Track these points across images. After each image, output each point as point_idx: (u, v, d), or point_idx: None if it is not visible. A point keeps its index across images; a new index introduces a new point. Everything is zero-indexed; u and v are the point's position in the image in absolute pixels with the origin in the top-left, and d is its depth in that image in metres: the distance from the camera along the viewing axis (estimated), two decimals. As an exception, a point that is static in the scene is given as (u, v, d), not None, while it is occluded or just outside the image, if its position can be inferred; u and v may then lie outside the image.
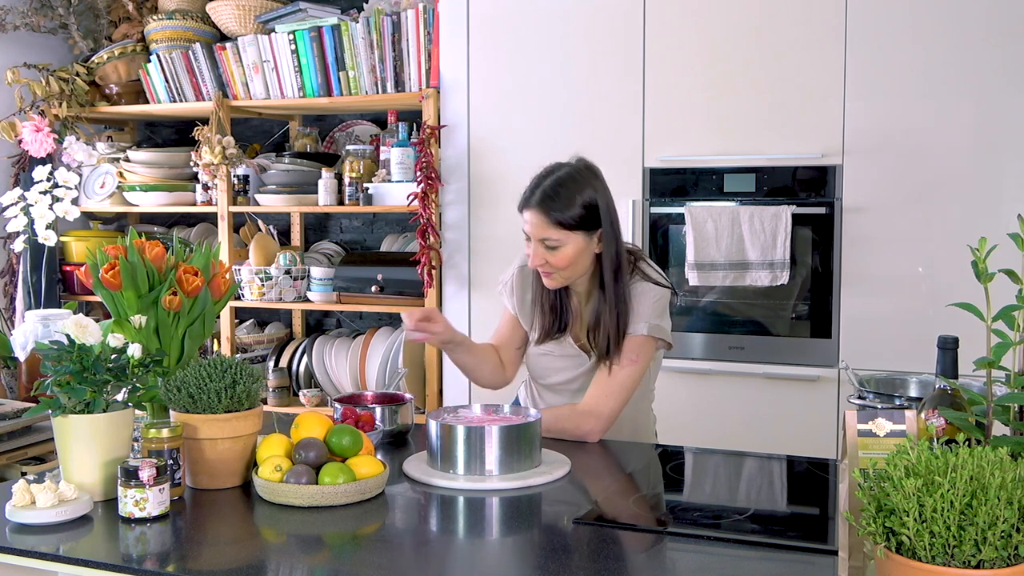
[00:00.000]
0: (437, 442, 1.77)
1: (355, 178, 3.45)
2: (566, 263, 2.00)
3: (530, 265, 2.05)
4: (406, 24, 3.33)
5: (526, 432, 1.77)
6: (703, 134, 2.96)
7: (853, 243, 2.82)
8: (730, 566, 1.35)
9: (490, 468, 1.73)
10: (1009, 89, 2.66)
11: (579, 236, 2.00)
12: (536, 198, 2.00)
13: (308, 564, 1.39)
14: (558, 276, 2.03)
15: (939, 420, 1.24)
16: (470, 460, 1.74)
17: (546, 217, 1.98)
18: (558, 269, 2.01)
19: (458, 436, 1.74)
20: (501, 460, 1.73)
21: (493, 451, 1.73)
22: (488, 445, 1.73)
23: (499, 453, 1.73)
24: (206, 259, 1.89)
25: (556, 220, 1.98)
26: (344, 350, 3.61)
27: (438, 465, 1.77)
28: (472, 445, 1.73)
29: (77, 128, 3.84)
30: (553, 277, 2.03)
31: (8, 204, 2.70)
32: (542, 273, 2.04)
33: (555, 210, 1.98)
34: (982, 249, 1.30)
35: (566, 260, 2.00)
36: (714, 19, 2.93)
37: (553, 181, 2.01)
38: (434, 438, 1.78)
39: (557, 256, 2.00)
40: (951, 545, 1.02)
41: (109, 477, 1.61)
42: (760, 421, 2.90)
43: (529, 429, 1.77)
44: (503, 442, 1.73)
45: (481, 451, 1.73)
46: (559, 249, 1.99)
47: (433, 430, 1.78)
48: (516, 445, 1.75)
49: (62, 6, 3.81)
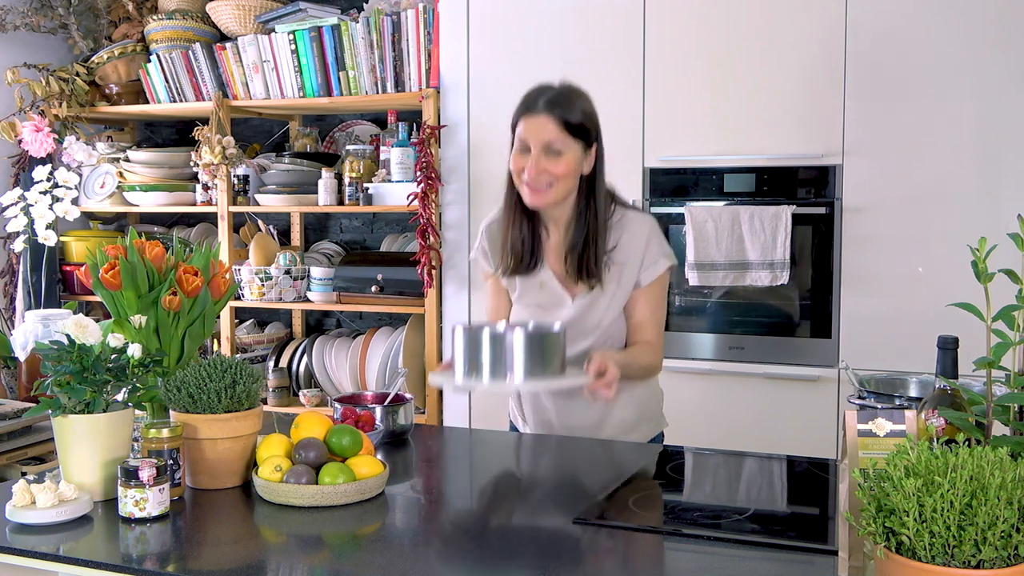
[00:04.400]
0: (464, 351, 1.76)
1: (355, 178, 3.45)
2: (565, 172, 1.95)
3: (527, 177, 1.96)
4: (406, 24, 3.33)
5: (550, 340, 1.76)
6: (703, 134, 2.96)
7: (853, 243, 2.82)
8: (730, 566, 1.35)
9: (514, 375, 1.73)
10: (1009, 89, 2.66)
11: (578, 147, 1.96)
12: (542, 102, 1.96)
13: (308, 564, 1.39)
14: (552, 190, 1.96)
15: (939, 420, 1.24)
16: (495, 366, 1.73)
17: (553, 119, 1.94)
18: (556, 179, 1.95)
19: (483, 341, 1.73)
20: (526, 366, 1.72)
21: (519, 356, 1.72)
22: (514, 350, 1.72)
23: (524, 358, 1.72)
24: (206, 259, 1.89)
25: (563, 121, 1.94)
26: (344, 350, 3.61)
27: (464, 372, 1.76)
28: (497, 349, 1.73)
29: (77, 128, 3.84)
30: (546, 192, 1.96)
31: (8, 204, 2.70)
32: (533, 189, 1.96)
33: (562, 112, 1.95)
34: (982, 249, 1.30)
35: (565, 169, 1.95)
36: (714, 19, 2.93)
37: (556, 90, 1.99)
38: (460, 345, 1.77)
39: (557, 164, 1.94)
40: (951, 545, 1.02)
41: (109, 477, 1.61)
42: (760, 421, 2.90)
43: (553, 338, 1.77)
44: (528, 349, 1.72)
45: (505, 357, 1.72)
46: (560, 157, 1.95)
47: (459, 336, 1.77)
48: (540, 353, 1.74)
49: (62, 6, 3.81)
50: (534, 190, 1.97)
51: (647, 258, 2.02)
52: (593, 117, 2.00)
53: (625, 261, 2.01)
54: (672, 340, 3.00)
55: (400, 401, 2.09)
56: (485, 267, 2.17)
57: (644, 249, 2.02)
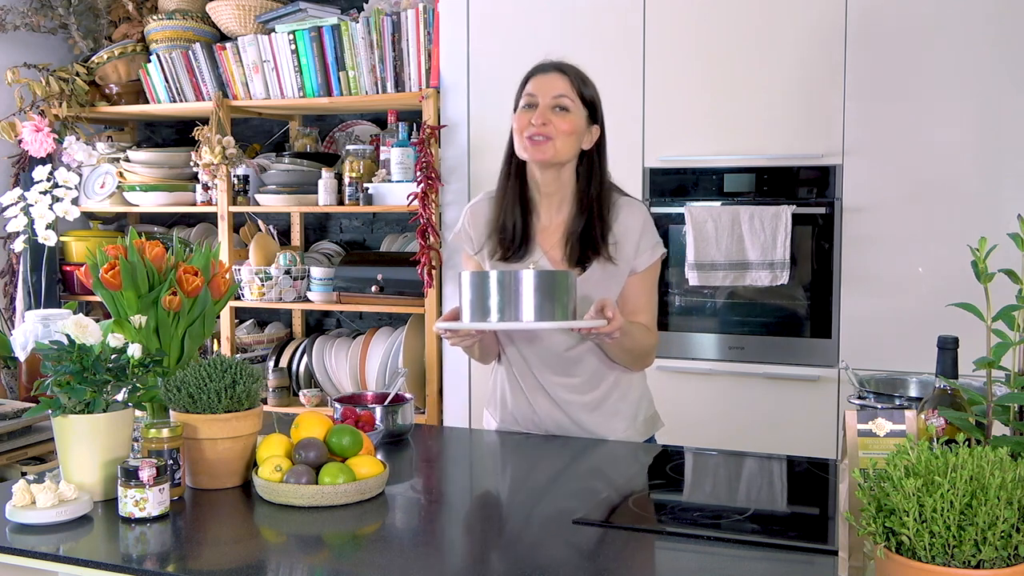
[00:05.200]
0: (472, 293, 1.74)
1: (355, 178, 3.45)
2: (570, 128, 1.94)
3: (531, 129, 1.94)
4: (406, 24, 3.33)
5: (561, 280, 1.75)
6: (703, 134, 2.96)
7: (853, 243, 2.82)
8: (730, 566, 1.35)
9: (525, 313, 1.70)
10: (1009, 89, 2.66)
11: (584, 113, 1.97)
12: (553, 62, 2.00)
13: (308, 564, 1.39)
14: (553, 144, 1.94)
15: (939, 420, 1.24)
16: (504, 307, 1.71)
17: (565, 76, 1.97)
18: (560, 134, 1.94)
19: (491, 282, 1.72)
20: (536, 305, 1.71)
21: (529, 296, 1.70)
22: (523, 290, 1.70)
23: (535, 297, 1.70)
24: (206, 259, 1.89)
25: (575, 77, 1.97)
26: (344, 350, 3.61)
27: (472, 315, 1.75)
28: (505, 291, 1.71)
29: (77, 128, 3.84)
30: (548, 145, 1.94)
31: (8, 204, 2.70)
32: (534, 143, 1.94)
33: (575, 76, 1.98)
34: (982, 249, 1.30)
35: (570, 126, 1.95)
36: (714, 19, 2.93)
37: (568, 63, 2.01)
38: (468, 288, 1.75)
39: (563, 120, 1.94)
40: (951, 545, 1.02)
41: (109, 477, 1.61)
42: (760, 421, 2.90)
43: (564, 278, 1.75)
44: (539, 288, 1.71)
45: (516, 296, 1.70)
46: (567, 114, 1.95)
47: (466, 280, 1.75)
48: (551, 293, 1.72)
49: (62, 6, 3.81)
50: (536, 143, 1.94)
51: (643, 244, 2.01)
52: (598, 98, 2.02)
53: (621, 244, 2.00)
54: (672, 340, 3.00)
55: (400, 401, 2.09)
56: (467, 250, 2.14)
57: (640, 235, 2.01)
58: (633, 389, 2.10)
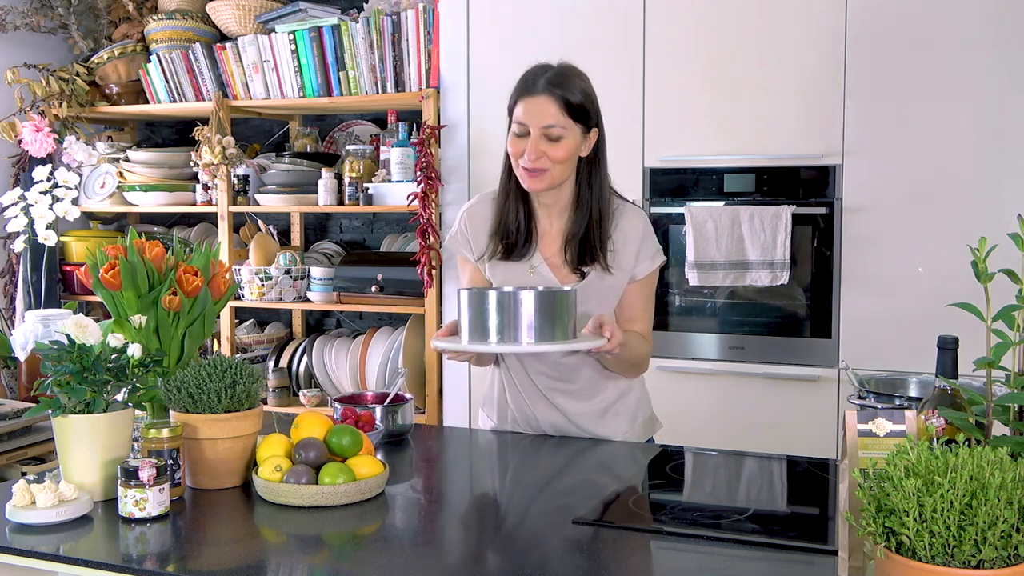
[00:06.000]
0: (470, 313, 1.70)
1: (355, 178, 3.45)
2: (564, 155, 1.92)
3: (526, 160, 1.92)
4: (406, 24, 3.33)
5: (561, 300, 1.72)
6: (703, 134, 2.96)
7: (853, 243, 2.82)
8: (730, 566, 1.35)
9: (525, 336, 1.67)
10: (1009, 89, 2.66)
11: (578, 129, 1.93)
12: (541, 83, 1.92)
13: (308, 564, 1.39)
14: (549, 174, 1.93)
15: (939, 420, 1.24)
16: (504, 328, 1.68)
17: (553, 100, 1.90)
18: (555, 163, 1.92)
19: (490, 302, 1.69)
20: (536, 328, 1.68)
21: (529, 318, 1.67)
22: (523, 311, 1.67)
23: (535, 319, 1.68)
24: (206, 259, 1.89)
25: (564, 101, 1.90)
26: (344, 350, 3.61)
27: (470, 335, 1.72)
28: (506, 311, 1.68)
29: (77, 128, 3.84)
30: (544, 176, 1.93)
31: (8, 204, 2.70)
32: (530, 174, 1.93)
33: (563, 93, 1.90)
34: (982, 249, 1.29)
35: (565, 152, 1.92)
36: (714, 19, 2.93)
37: (555, 70, 1.95)
38: (466, 308, 1.71)
39: (557, 148, 1.91)
40: (951, 545, 1.02)
41: (109, 477, 1.61)
42: (760, 421, 2.90)
43: (565, 298, 1.73)
44: (539, 309, 1.68)
45: (516, 318, 1.67)
46: (560, 141, 1.91)
47: (465, 298, 1.72)
48: (552, 314, 1.69)
49: (62, 6, 3.81)
50: (532, 174, 1.94)
51: (643, 252, 2.01)
52: (593, 99, 1.96)
53: (620, 252, 2.00)
54: (672, 340, 3.00)
55: (400, 401, 2.09)
56: (465, 255, 2.10)
57: (640, 243, 2.00)
58: (632, 392, 2.10)
